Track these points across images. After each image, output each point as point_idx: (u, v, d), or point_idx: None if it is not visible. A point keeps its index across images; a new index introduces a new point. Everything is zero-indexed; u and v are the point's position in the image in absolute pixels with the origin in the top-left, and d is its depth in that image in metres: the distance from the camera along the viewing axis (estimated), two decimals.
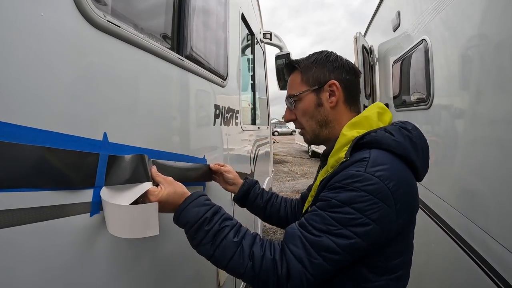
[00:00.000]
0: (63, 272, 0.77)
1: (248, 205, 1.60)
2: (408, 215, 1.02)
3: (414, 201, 1.04)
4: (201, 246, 1.02)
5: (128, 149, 0.99)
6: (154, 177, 1.09)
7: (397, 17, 3.34)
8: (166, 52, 1.20)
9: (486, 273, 1.59)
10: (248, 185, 1.59)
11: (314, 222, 0.97)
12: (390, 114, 1.18)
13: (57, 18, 0.72)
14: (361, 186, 0.93)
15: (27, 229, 0.66)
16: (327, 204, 0.97)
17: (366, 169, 0.96)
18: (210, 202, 1.10)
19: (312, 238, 0.95)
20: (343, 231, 0.93)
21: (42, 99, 0.69)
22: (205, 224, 1.02)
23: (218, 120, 1.89)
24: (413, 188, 1.04)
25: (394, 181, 0.95)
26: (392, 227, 0.97)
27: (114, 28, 0.89)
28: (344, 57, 1.25)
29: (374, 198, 0.92)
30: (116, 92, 0.94)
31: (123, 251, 1.01)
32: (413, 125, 1.14)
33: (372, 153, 1.01)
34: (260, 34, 3.86)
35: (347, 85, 1.20)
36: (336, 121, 1.20)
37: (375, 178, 0.94)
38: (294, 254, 0.95)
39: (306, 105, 1.23)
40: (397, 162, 1.01)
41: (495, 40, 1.59)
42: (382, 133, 1.05)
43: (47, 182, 0.71)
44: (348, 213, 0.93)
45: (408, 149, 1.04)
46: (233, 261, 0.98)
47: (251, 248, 0.99)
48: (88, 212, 0.84)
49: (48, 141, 0.70)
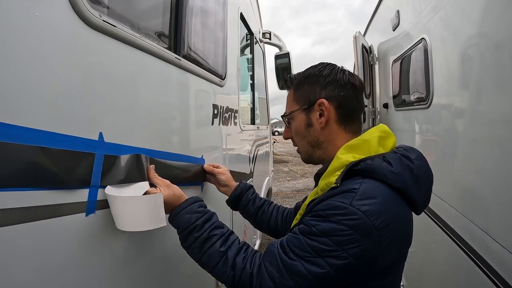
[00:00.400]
0: (58, 272, 0.77)
1: (240, 210, 1.58)
2: (398, 252, 0.97)
3: (406, 238, 0.99)
4: (190, 249, 1.08)
5: (125, 149, 0.99)
6: (151, 178, 1.10)
7: (396, 16, 3.33)
8: (163, 51, 1.20)
9: (486, 274, 1.58)
10: (240, 190, 1.55)
11: (292, 245, 0.95)
12: (393, 139, 1.09)
13: (52, 18, 0.73)
14: (342, 220, 0.88)
15: (22, 228, 0.66)
16: (308, 230, 0.94)
17: (352, 201, 0.89)
18: (203, 209, 1.12)
19: (287, 261, 0.93)
20: (318, 260, 0.89)
21: (37, 99, 0.69)
22: (195, 231, 1.06)
23: (216, 120, 1.89)
24: (407, 225, 0.99)
25: (383, 217, 0.88)
26: (375, 263, 0.91)
27: (110, 28, 0.89)
28: (343, 70, 1.14)
29: (354, 234, 0.87)
30: (112, 92, 0.94)
31: (120, 251, 1.01)
32: (418, 153, 1.06)
33: (363, 183, 0.93)
34: (259, 34, 3.85)
35: (340, 102, 1.10)
36: (328, 142, 1.13)
37: (360, 213, 0.87)
38: (268, 272, 0.95)
39: (297, 125, 1.18)
40: (391, 196, 0.94)
41: (495, 38, 1.58)
42: (379, 161, 0.97)
43: (42, 182, 0.71)
44: (325, 244, 0.89)
45: (407, 183, 0.97)
46: (217, 269, 1.03)
47: (234, 258, 1.02)
48: (84, 212, 0.84)
49: (43, 141, 0.70)
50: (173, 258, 1.35)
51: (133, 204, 0.95)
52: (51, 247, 0.74)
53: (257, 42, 3.73)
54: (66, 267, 0.79)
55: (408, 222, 1.00)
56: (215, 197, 1.68)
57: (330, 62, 1.18)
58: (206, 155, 1.70)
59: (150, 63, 1.14)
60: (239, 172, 2.57)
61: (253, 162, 3.25)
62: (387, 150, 1.05)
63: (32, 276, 0.70)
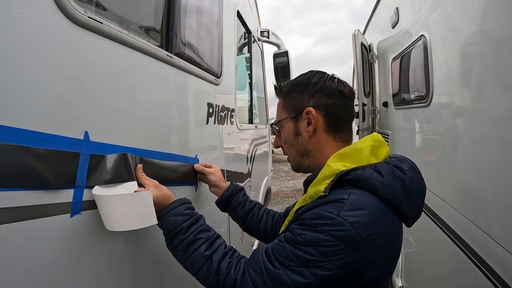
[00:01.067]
0: (42, 274, 0.75)
1: (230, 212, 1.55)
2: (384, 265, 0.95)
3: (394, 251, 0.97)
4: (175, 252, 1.08)
5: (112, 148, 0.96)
6: (139, 178, 1.07)
7: (395, 13, 3.31)
8: (154, 49, 1.17)
9: (486, 275, 1.56)
10: (231, 191, 1.51)
11: (277, 253, 0.93)
12: (386, 149, 1.07)
13: (34, 15, 0.70)
14: (329, 230, 0.86)
15: (4, 229, 0.64)
16: (293, 239, 0.91)
17: (340, 212, 0.87)
18: (190, 211, 1.11)
19: (271, 269, 0.92)
20: (302, 269, 0.88)
21: (19, 98, 0.67)
22: (181, 234, 1.05)
23: (211, 119, 1.86)
24: (395, 238, 0.96)
25: (371, 229, 0.86)
26: (361, 276, 0.89)
27: (96, 25, 0.87)
28: (332, 77, 1.12)
29: (341, 245, 0.85)
30: (99, 90, 0.91)
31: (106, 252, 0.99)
32: (411, 165, 1.03)
33: (352, 194, 0.91)
34: (257, 32, 3.83)
35: (328, 111, 1.09)
36: (317, 151, 1.11)
37: (347, 224, 0.85)
38: (252, 280, 0.94)
39: (286, 133, 1.17)
40: (380, 208, 0.92)
41: (496, 35, 1.55)
42: (371, 172, 0.95)
43: (25, 182, 0.69)
44: (310, 253, 0.87)
45: (397, 195, 0.94)
46: (201, 273, 1.03)
47: (219, 263, 1.02)
48: (69, 213, 0.82)
49: (25, 140, 0.68)
50: (165, 259, 1.32)
51: (121, 203, 0.93)
52: (34, 249, 0.72)
53: (255, 41, 3.71)
54: (51, 269, 0.77)
55: (397, 235, 0.97)
56: (209, 197, 1.66)
57: (320, 70, 1.16)
58: (201, 155, 1.67)
59: (140, 61, 1.11)
60: (236, 171, 2.55)
61: (251, 162, 3.23)
62: (379, 160, 1.03)
63: (15, 277, 0.68)
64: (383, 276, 0.98)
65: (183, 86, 1.50)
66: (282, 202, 8.05)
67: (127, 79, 1.05)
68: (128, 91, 1.06)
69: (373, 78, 4.61)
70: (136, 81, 1.10)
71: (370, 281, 0.93)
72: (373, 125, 4.41)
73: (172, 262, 1.09)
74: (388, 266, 0.99)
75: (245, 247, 3.07)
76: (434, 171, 2.36)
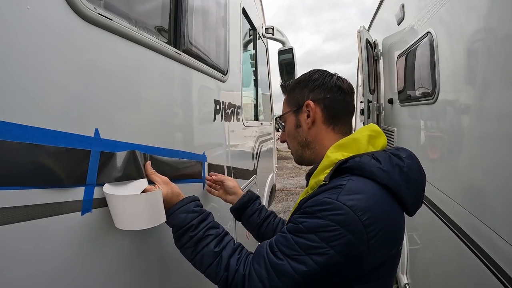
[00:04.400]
0: (53, 272, 0.75)
1: (244, 219, 1.54)
2: (385, 252, 0.95)
3: (395, 237, 0.97)
4: (184, 249, 1.08)
5: (122, 145, 0.97)
6: (149, 175, 1.08)
7: (401, 10, 3.29)
8: (162, 46, 1.18)
9: (492, 271, 1.56)
10: (248, 197, 1.53)
11: (280, 244, 0.94)
12: (383, 139, 1.10)
13: (44, 11, 0.71)
14: (328, 215, 0.88)
15: (16, 228, 0.65)
16: (295, 228, 0.93)
17: (338, 197, 0.89)
18: (199, 209, 1.12)
19: (274, 261, 0.93)
20: (304, 258, 0.89)
21: (30, 95, 0.67)
22: (190, 231, 1.06)
23: (218, 116, 1.87)
24: (396, 224, 0.97)
25: (370, 213, 0.88)
26: (362, 262, 0.90)
27: (105, 21, 0.87)
28: (332, 74, 1.18)
29: (341, 229, 0.86)
30: (109, 88, 0.92)
31: (117, 249, 1.00)
32: (409, 153, 1.05)
33: (350, 180, 0.93)
34: (262, 29, 3.82)
35: (327, 104, 1.14)
36: (316, 142, 1.16)
37: (346, 208, 0.87)
38: (256, 273, 0.95)
39: (289, 126, 1.23)
40: (378, 193, 0.93)
41: (502, 32, 1.54)
42: (368, 159, 0.97)
43: (36, 180, 0.69)
44: (311, 240, 0.88)
45: (396, 181, 0.96)
46: (210, 269, 1.03)
47: (229, 259, 1.02)
48: (80, 210, 0.82)
49: (36, 138, 0.68)
50: (173, 256, 1.32)
51: (132, 203, 0.94)
52: (46, 247, 0.73)
53: (260, 38, 3.70)
54: (62, 267, 0.77)
55: (398, 222, 0.98)
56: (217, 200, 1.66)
57: (322, 69, 1.22)
58: (208, 152, 1.68)
59: (149, 58, 1.12)
60: (242, 168, 2.55)
61: (257, 159, 3.24)
62: (377, 149, 1.06)
63: (27, 276, 0.69)
64: (385, 265, 0.97)
65: (191, 83, 1.51)
66: (287, 199, 8.05)
67: (136, 76, 1.06)
68: (137, 88, 1.06)
69: (378, 74, 4.58)
70: (145, 78, 1.11)
71: (372, 270, 0.93)
72: (378, 122, 4.38)
73: (182, 259, 1.09)
74: (389, 254, 0.98)
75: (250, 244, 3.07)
76: (440, 168, 2.35)
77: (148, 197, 0.98)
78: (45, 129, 0.70)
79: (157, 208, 1.01)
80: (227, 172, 2.05)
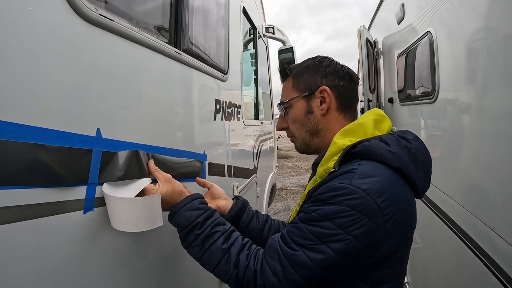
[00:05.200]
0: (56, 271, 0.76)
1: (242, 227, 1.31)
2: (401, 236, 0.93)
3: (410, 220, 0.97)
4: (191, 249, 1.04)
5: (124, 145, 0.97)
6: (152, 172, 1.07)
7: (401, 9, 3.29)
8: (162, 46, 1.18)
9: (491, 271, 1.56)
10: (241, 203, 1.35)
11: (293, 235, 0.93)
12: (389, 122, 1.10)
13: (46, 12, 0.71)
14: (343, 200, 0.87)
15: (19, 227, 0.65)
16: (308, 217, 0.92)
17: (351, 181, 0.88)
18: (204, 206, 1.09)
19: (288, 252, 0.91)
20: (320, 246, 0.87)
21: (32, 96, 0.68)
22: (196, 229, 1.02)
23: (219, 115, 1.87)
24: (410, 206, 0.96)
25: (384, 196, 0.87)
26: (379, 247, 0.89)
27: (106, 22, 0.88)
28: (340, 63, 1.18)
29: (357, 214, 0.85)
30: (110, 87, 0.92)
31: (119, 249, 1.00)
32: (414, 135, 1.06)
33: (361, 165, 0.93)
34: (262, 28, 3.82)
35: (340, 91, 1.13)
36: (327, 130, 1.13)
37: (360, 192, 0.86)
38: (270, 267, 0.93)
39: (296, 112, 1.18)
40: (391, 176, 0.93)
41: (502, 32, 1.55)
42: (376, 142, 0.97)
43: (38, 180, 0.70)
44: (327, 227, 0.87)
45: (405, 162, 0.96)
46: (219, 267, 0.99)
47: (238, 256, 0.99)
48: (82, 209, 0.83)
49: (38, 138, 0.69)
50: (175, 255, 1.34)
51: (128, 206, 0.93)
52: (48, 246, 0.73)
53: (260, 37, 3.70)
54: (64, 266, 0.78)
55: (411, 204, 0.98)
56: None
57: (328, 56, 1.21)
58: (209, 151, 1.68)
59: (150, 58, 1.12)
60: (243, 167, 2.55)
61: (257, 158, 3.24)
62: (383, 133, 1.05)
63: (30, 275, 0.69)
64: (400, 249, 0.96)
65: (192, 82, 1.51)
66: (287, 198, 8.05)
67: (137, 76, 1.06)
68: (138, 88, 1.07)
69: (378, 74, 4.58)
70: (146, 78, 1.11)
71: (389, 256, 0.93)
72: None
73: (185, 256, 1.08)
74: (405, 237, 0.97)
75: None
76: (440, 167, 2.35)
77: (145, 201, 0.97)
78: (47, 129, 0.71)
79: (153, 212, 0.99)
80: (228, 171, 2.06)
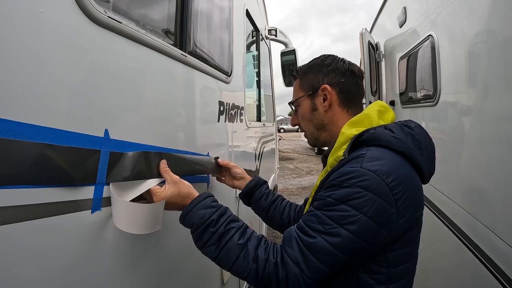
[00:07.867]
0: (64, 270, 0.76)
1: (252, 204, 1.57)
2: (411, 215, 0.96)
3: (417, 201, 1.00)
4: (206, 248, 1.02)
5: (131, 146, 0.99)
6: (162, 173, 1.09)
7: (403, 12, 3.30)
8: (168, 48, 1.20)
9: (491, 272, 1.57)
10: (255, 183, 1.57)
11: (310, 223, 0.96)
12: (392, 113, 1.16)
13: (56, 14, 0.72)
14: (355, 182, 0.91)
15: (27, 226, 0.66)
16: (323, 203, 0.96)
17: (361, 164, 0.94)
18: (216, 203, 1.09)
19: (307, 240, 0.93)
20: (338, 229, 0.90)
21: (42, 96, 0.68)
22: (211, 226, 1.02)
23: (222, 117, 1.89)
24: (417, 187, 1.00)
25: (393, 176, 0.92)
26: (393, 226, 0.92)
27: (115, 24, 0.89)
28: (343, 59, 1.24)
29: (369, 194, 0.90)
30: (117, 89, 0.93)
31: (125, 248, 1.01)
32: (416, 123, 1.11)
33: (369, 150, 0.99)
34: (265, 31, 3.83)
35: (342, 88, 1.20)
36: (332, 124, 1.21)
37: (371, 173, 0.91)
38: (291, 258, 0.94)
39: (303, 110, 1.27)
40: (397, 159, 0.98)
41: (503, 35, 1.56)
42: (381, 130, 1.04)
43: (47, 179, 0.70)
44: (343, 210, 0.91)
45: (409, 146, 1.01)
46: (238, 264, 0.98)
47: (256, 250, 0.98)
48: (89, 209, 0.84)
49: (47, 138, 0.69)
50: (180, 254, 1.35)
51: (132, 210, 0.95)
52: (56, 245, 0.74)
53: (263, 39, 3.71)
54: (72, 265, 0.79)
55: (418, 185, 1.02)
56: (221, 193, 1.68)
57: (332, 54, 1.29)
58: (212, 152, 1.70)
59: (156, 60, 1.14)
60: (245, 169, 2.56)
61: (259, 159, 3.25)
62: (387, 123, 1.12)
63: (37, 274, 0.70)
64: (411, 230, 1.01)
65: (197, 84, 1.52)
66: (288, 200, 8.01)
67: (144, 78, 1.07)
68: (144, 90, 1.08)
69: (380, 76, 4.59)
70: (152, 80, 1.13)
71: (401, 236, 0.97)
72: None
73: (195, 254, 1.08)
74: (415, 218, 1.00)
75: None
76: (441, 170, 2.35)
77: (149, 208, 0.99)
78: (57, 129, 0.72)
79: (155, 217, 1.01)
80: None
